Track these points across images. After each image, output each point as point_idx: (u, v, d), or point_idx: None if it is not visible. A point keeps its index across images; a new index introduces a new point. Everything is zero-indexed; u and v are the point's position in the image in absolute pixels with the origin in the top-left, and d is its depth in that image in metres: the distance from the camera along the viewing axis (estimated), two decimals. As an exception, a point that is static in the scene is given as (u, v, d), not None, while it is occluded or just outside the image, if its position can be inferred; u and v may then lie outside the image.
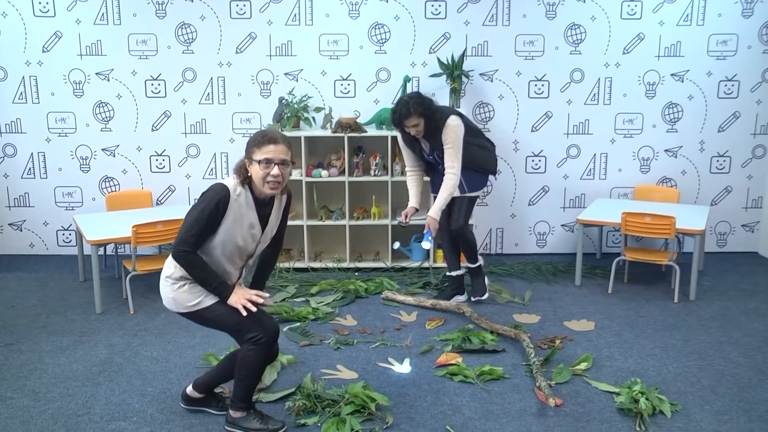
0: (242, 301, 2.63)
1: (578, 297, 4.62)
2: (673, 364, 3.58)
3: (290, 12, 5.24)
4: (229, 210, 2.61)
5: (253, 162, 2.62)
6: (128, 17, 5.21)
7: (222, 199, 2.59)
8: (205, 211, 2.58)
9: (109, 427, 2.96)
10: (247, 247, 2.73)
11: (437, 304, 4.36)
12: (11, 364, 3.59)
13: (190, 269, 2.63)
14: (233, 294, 2.66)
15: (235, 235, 2.66)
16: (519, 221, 5.65)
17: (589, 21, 5.27)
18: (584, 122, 5.46)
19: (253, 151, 2.62)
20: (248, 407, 2.88)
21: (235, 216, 2.63)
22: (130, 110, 5.39)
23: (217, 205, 2.59)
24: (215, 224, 2.61)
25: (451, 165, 4.06)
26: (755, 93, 5.40)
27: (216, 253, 2.68)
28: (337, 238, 5.40)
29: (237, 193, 2.64)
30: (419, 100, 4.02)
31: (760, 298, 4.61)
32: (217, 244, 2.66)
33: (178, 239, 2.61)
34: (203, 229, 2.60)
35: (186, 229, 2.60)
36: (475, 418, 3.03)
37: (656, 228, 4.41)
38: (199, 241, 2.62)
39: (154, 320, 4.20)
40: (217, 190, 2.61)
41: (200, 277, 2.64)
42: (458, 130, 4.04)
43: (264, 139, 2.62)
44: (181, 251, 2.60)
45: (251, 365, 2.75)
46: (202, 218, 2.58)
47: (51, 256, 5.62)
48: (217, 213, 2.59)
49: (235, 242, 2.68)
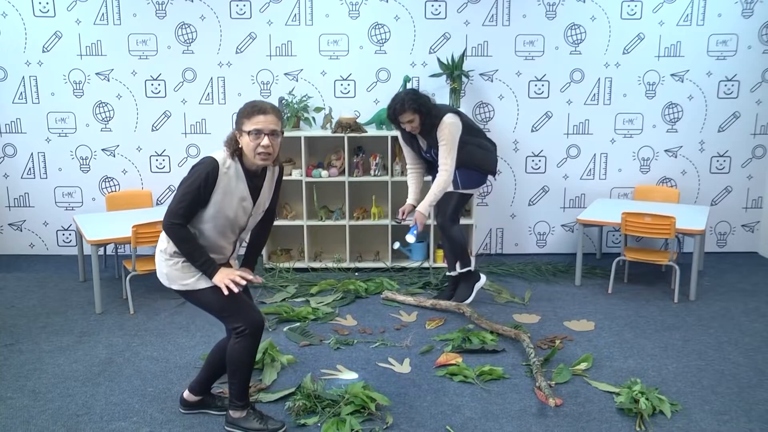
0: (226, 281, 2.59)
1: (578, 297, 4.62)
2: (673, 364, 3.58)
3: (290, 12, 5.24)
4: (219, 183, 2.59)
5: (243, 133, 2.59)
6: (128, 17, 5.22)
7: (211, 172, 2.57)
8: (194, 184, 2.56)
9: (109, 427, 2.96)
10: (238, 220, 2.71)
11: (437, 304, 4.36)
12: (11, 364, 3.59)
13: (178, 243, 2.61)
14: (219, 272, 2.62)
15: (226, 207, 2.64)
16: (519, 221, 5.65)
17: (589, 21, 5.27)
18: (584, 122, 5.46)
19: (242, 122, 2.59)
20: (246, 405, 2.87)
21: (225, 189, 2.61)
22: (130, 110, 5.39)
23: (206, 178, 2.56)
24: (205, 197, 2.59)
25: (444, 162, 4.05)
26: (755, 93, 5.40)
27: (208, 227, 2.66)
28: (337, 238, 5.40)
29: (227, 165, 2.61)
30: (414, 96, 4.03)
31: (760, 298, 4.61)
32: (209, 218, 2.64)
33: (168, 212, 2.59)
34: (192, 202, 2.57)
35: (176, 202, 2.59)
36: (475, 418, 3.03)
37: (656, 228, 4.41)
38: (188, 214, 2.60)
39: (154, 320, 4.20)
40: (206, 163, 2.59)
41: (188, 251, 2.61)
42: (453, 128, 4.03)
43: (254, 109, 2.58)
44: (171, 224, 2.58)
45: (238, 358, 2.75)
46: (191, 191, 2.56)
47: (51, 256, 5.62)
48: (206, 186, 2.57)
49: (227, 215, 2.65)
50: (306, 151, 5.12)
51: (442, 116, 4.04)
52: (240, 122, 2.60)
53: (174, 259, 2.70)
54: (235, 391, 2.85)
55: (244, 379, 2.83)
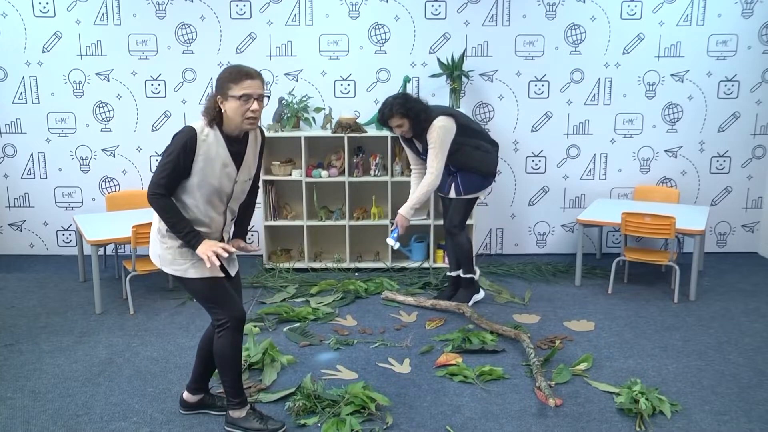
0: (208, 252, 2.56)
1: (578, 297, 4.62)
2: (673, 364, 3.58)
3: (290, 12, 5.24)
4: (198, 150, 2.57)
5: (229, 98, 2.54)
6: (128, 17, 5.22)
7: (189, 140, 2.55)
8: (173, 153, 2.55)
9: (109, 427, 2.96)
10: (224, 188, 2.67)
11: (437, 305, 4.36)
12: (11, 365, 3.59)
13: (161, 212, 2.59)
14: (202, 244, 2.59)
15: (209, 175, 2.61)
16: (519, 221, 5.66)
17: (589, 21, 5.27)
18: (584, 122, 5.46)
19: (228, 87, 2.53)
20: (243, 402, 2.87)
21: (206, 156, 2.58)
22: (130, 110, 5.39)
23: (184, 147, 2.54)
24: (185, 166, 2.57)
25: (430, 164, 4.03)
26: (755, 93, 5.41)
27: (195, 199, 2.64)
28: (337, 238, 5.40)
29: (204, 133, 2.58)
30: (403, 101, 3.99)
31: (760, 298, 4.61)
32: (194, 188, 2.62)
33: (151, 183, 2.58)
34: (173, 172, 2.56)
35: (157, 173, 2.57)
36: (475, 418, 3.03)
37: (656, 228, 4.41)
38: (170, 184, 2.58)
39: (154, 320, 4.20)
40: (184, 132, 2.57)
41: (171, 222, 2.59)
42: (442, 131, 3.98)
43: (240, 74, 2.54)
44: (153, 194, 2.57)
45: (223, 353, 2.75)
46: (170, 161, 2.55)
47: (51, 256, 5.62)
48: (185, 154, 2.55)
49: (211, 183, 2.62)
50: (306, 151, 5.12)
51: (433, 118, 4.00)
52: (225, 87, 2.54)
53: (168, 242, 2.68)
54: (229, 389, 2.85)
55: (235, 375, 2.83)
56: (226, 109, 2.57)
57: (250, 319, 4.19)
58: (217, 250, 2.58)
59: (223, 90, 2.55)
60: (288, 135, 5.11)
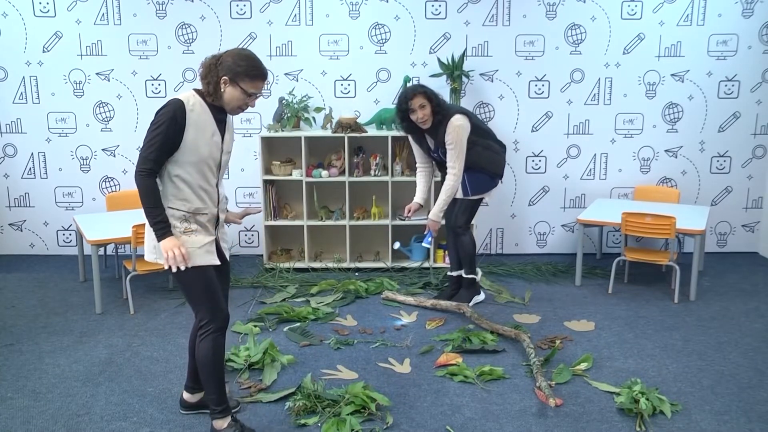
0: (174, 249, 2.54)
1: (578, 297, 4.62)
2: (673, 364, 3.58)
3: (290, 12, 5.24)
4: (188, 121, 2.55)
5: (237, 87, 2.57)
6: (128, 17, 5.22)
7: (178, 110, 2.53)
8: (161, 126, 2.51)
9: (109, 427, 2.96)
10: (213, 155, 2.66)
11: (437, 305, 4.36)
12: (11, 365, 3.59)
13: (143, 193, 2.53)
14: (170, 238, 2.56)
15: (200, 145, 2.59)
16: (519, 221, 5.66)
17: (589, 21, 5.27)
18: (584, 122, 5.46)
19: (242, 79, 2.56)
20: (225, 411, 2.79)
21: (196, 125, 2.57)
22: (130, 110, 5.39)
23: (174, 117, 2.51)
24: (175, 139, 2.53)
25: (452, 165, 4.03)
26: (755, 93, 5.40)
27: (188, 172, 2.60)
28: (337, 238, 5.40)
29: (191, 103, 2.58)
30: (423, 85, 4.06)
31: (760, 298, 4.61)
32: (186, 160, 2.58)
33: (139, 158, 2.53)
34: (162, 145, 2.52)
35: (145, 148, 2.53)
36: (475, 418, 3.03)
37: (656, 228, 4.41)
38: (159, 158, 2.54)
39: (154, 320, 4.20)
40: (171, 104, 2.54)
41: (150, 205, 2.54)
42: (461, 130, 3.99)
43: (259, 75, 2.60)
44: (141, 170, 2.52)
45: (204, 356, 2.70)
46: (159, 133, 2.51)
47: (51, 256, 5.63)
48: (175, 126, 2.52)
49: (201, 153, 2.60)
50: (306, 151, 5.12)
51: (450, 115, 3.99)
52: (238, 77, 2.56)
53: None
54: (212, 396, 2.77)
55: (216, 381, 2.76)
56: (226, 92, 2.59)
57: (250, 318, 4.19)
58: (176, 254, 2.54)
59: (235, 78, 2.56)
60: (288, 135, 5.11)
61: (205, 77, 2.60)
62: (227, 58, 2.58)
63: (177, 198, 2.63)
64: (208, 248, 2.68)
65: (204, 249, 2.67)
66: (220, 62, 2.58)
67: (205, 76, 2.60)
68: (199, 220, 2.68)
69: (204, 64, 2.62)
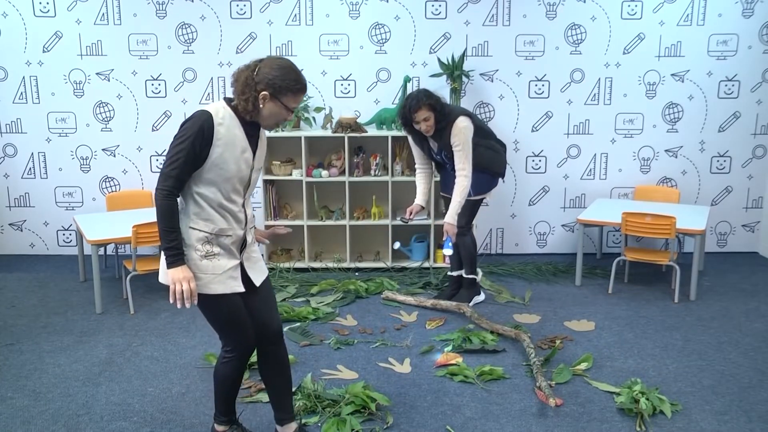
0: (182, 282, 2.32)
1: (578, 297, 4.62)
2: (673, 364, 3.58)
3: (290, 12, 5.24)
4: (216, 136, 2.32)
5: (279, 103, 2.36)
6: (128, 17, 5.22)
7: (205, 125, 2.30)
8: (187, 140, 2.28)
9: (109, 427, 2.96)
10: (242, 173, 2.42)
11: (437, 304, 4.36)
12: (11, 364, 3.59)
13: (161, 213, 2.31)
14: (180, 268, 2.33)
15: (227, 162, 2.36)
16: (519, 221, 5.66)
17: (589, 21, 5.27)
18: (584, 122, 5.46)
19: (285, 94, 2.35)
20: (229, 422, 2.76)
21: (225, 141, 2.34)
22: (130, 110, 5.39)
23: (201, 131, 2.29)
24: (201, 154, 2.31)
25: (461, 167, 4.00)
26: (755, 93, 5.40)
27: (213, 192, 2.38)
28: (337, 238, 5.40)
29: (221, 116, 2.35)
30: (428, 94, 3.97)
31: (760, 298, 4.61)
32: (211, 178, 2.36)
33: (161, 174, 2.31)
34: (186, 160, 2.29)
35: (168, 163, 2.30)
36: (476, 418, 3.03)
37: (656, 228, 4.41)
38: (182, 175, 2.31)
39: (154, 320, 4.20)
40: (197, 117, 2.32)
41: (166, 227, 2.32)
42: (466, 131, 3.98)
43: (302, 87, 2.39)
44: (162, 189, 2.30)
45: (223, 376, 2.62)
46: (184, 148, 2.28)
47: (51, 256, 5.63)
48: (202, 140, 2.29)
49: (228, 170, 2.37)
50: (306, 151, 5.12)
51: (454, 117, 3.98)
52: (282, 92, 2.35)
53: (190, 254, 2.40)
54: (218, 405, 2.73)
55: (229, 397, 2.72)
56: (265, 107, 2.37)
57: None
58: (184, 287, 2.32)
59: (278, 93, 2.35)
60: (288, 135, 5.11)
61: (242, 93, 2.35)
62: (266, 71, 2.34)
63: (199, 217, 2.40)
64: (231, 273, 2.45)
65: (227, 275, 2.43)
66: (257, 75, 2.34)
67: (243, 92, 2.34)
68: (223, 243, 2.43)
69: (238, 78, 2.38)
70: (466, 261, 4.35)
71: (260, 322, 2.59)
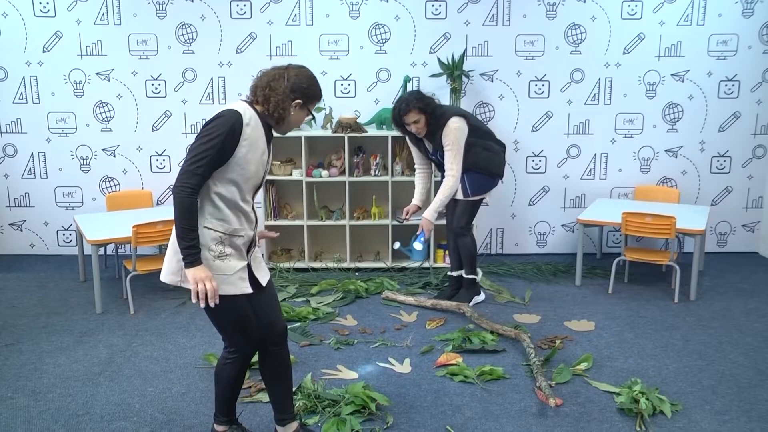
0: (197, 286, 2.29)
1: (578, 297, 4.62)
2: (673, 364, 3.58)
3: (290, 12, 5.24)
4: (243, 136, 2.33)
5: (303, 108, 2.46)
6: (128, 17, 5.22)
7: (236, 124, 2.31)
8: (217, 137, 2.27)
9: (109, 427, 2.96)
10: (258, 175, 2.46)
11: (437, 304, 4.36)
12: (11, 364, 3.59)
13: (181, 212, 2.27)
14: (198, 268, 2.30)
15: (249, 162, 2.37)
16: (519, 221, 5.66)
17: (589, 21, 5.27)
18: (584, 122, 5.46)
19: (311, 102, 2.47)
20: (229, 422, 2.75)
21: (251, 141, 2.36)
22: (130, 110, 5.39)
23: (232, 130, 2.30)
24: (227, 153, 2.31)
25: (450, 167, 4.03)
26: (755, 93, 5.40)
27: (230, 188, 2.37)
28: (337, 238, 5.40)
29: (248, 116, 2.36)
30: (419, 96, 4.00)
31: (760, 298, 4.61)
32: (230, 176, 2.36)
33: (183, 171, 2.27)
34: (213, 159, 2.28)
35: (193, 161, 2.27)
36: (476, 418, 3.03)
37: (656, 228, 4.41)
38: (207, 173, 2.30)
39: (154, 320, 4.20)
40: (227, 116, 2.32)
41: (185, 226, 2.28)
42: (458, 132, 4.00)
43: (319, 93, 2.50)
44: (184, 186, 2.26)
45: (226, 379, 2.62)
46: (212, 146, 2.27)
47: (51, 256, 5.63)
48: (232, 139, 2.30)
49: (249, 171, 2.39)
50: (306, 151, 5.12)
51: (447, 118, 3.99)
52: (309, 100, 2.46)
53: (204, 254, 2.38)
54: (221, 407, 2.73)
55: (230, 398, 2.72)
56: (293, 114, 2.44)
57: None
58: (204, 287, 2.29)
59: (307, 101, 2.45)
60: (288, 135, 5.09)
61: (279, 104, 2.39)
62: (297, 80, 2.41)
63: (215, 217, 2.38)
64: (241, 275, 2.45)
65: (237, 276, 2.43)
66: (288, 82, 2.39)
67: (280, 101, 2.38)
68: (235, 243, 2.44)
69: (271, 86, 2.40)
70: (466, 261, 4.35)
71: (266, 323, 2.60)
